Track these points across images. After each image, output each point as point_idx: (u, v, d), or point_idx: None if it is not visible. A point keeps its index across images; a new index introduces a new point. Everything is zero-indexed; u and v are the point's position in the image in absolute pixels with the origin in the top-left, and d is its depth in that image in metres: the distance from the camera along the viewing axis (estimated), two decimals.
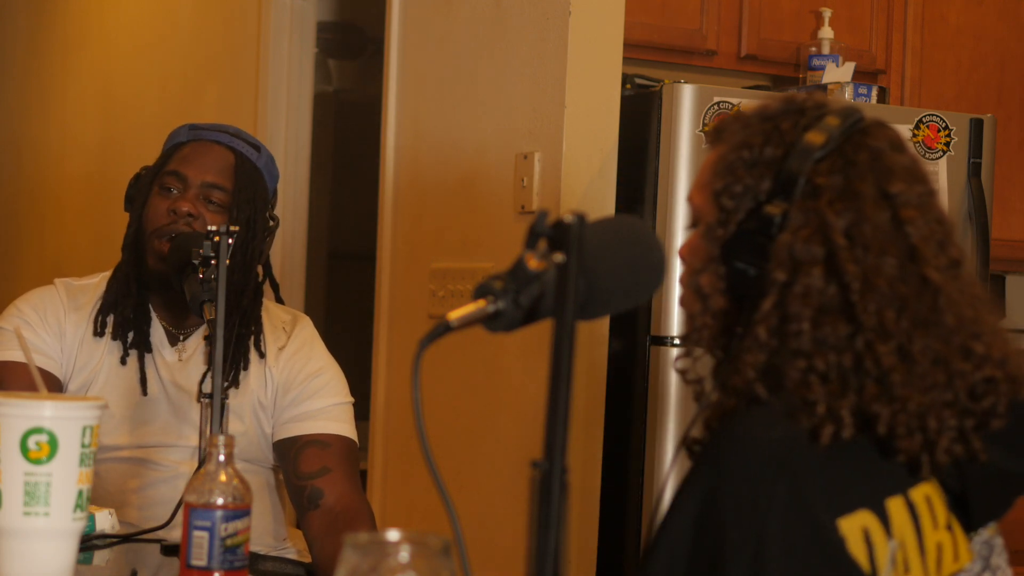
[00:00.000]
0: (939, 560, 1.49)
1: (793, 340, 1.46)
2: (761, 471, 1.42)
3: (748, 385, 1.48)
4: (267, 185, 2.49)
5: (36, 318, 2.44)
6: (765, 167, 1.53)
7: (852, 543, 1.42)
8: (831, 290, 1.47)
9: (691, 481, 1.47)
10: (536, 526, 1.10)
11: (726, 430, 1.48)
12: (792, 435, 1.44)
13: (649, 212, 3.36)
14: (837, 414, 1.44)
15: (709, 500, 1.43)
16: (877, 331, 1.45)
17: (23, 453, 1.52)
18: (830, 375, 1.45)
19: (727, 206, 1.54)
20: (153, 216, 2.42)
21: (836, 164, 1.52)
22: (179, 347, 2.46)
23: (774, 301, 1.48)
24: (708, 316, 1.56)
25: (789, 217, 1.50)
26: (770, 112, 1.58)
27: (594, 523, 3.36)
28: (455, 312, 1.32)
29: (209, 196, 2.42)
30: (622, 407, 3.40)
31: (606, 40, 3.39)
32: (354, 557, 1.12)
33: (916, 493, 1.48)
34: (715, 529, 1.42)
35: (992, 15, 4.09)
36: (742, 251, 1.52)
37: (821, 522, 1.41)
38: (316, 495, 2.33)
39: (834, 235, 1.48)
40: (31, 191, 6.58)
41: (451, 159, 3.71)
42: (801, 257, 1.48)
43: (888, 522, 1.45)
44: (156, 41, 5.42)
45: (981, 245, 3.59)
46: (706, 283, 1.55)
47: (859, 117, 1.56)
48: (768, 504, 1.40)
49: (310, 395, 2.42)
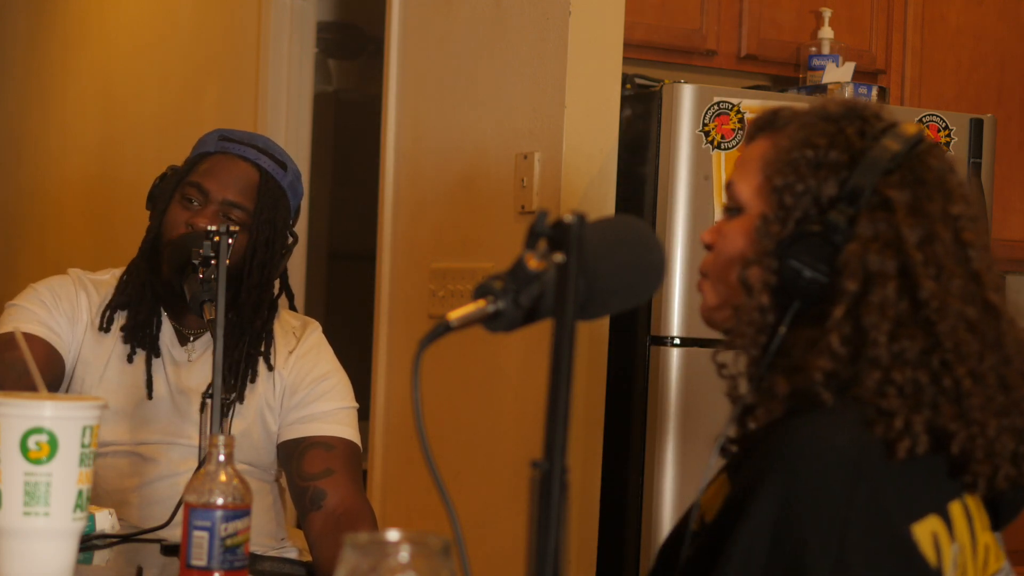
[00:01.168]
0: (986, 561, 1.51)
1: (871, 350, 1.46)
2: (838, 476, 1.41)
3: (812, 389, 1.47)
4: (289, 204, 2.48)
5: (51, 298, 2.45)
6: (830, 171, 1.52)
7: (924, 547, 1.43)
8: (903, 305, 1.47)
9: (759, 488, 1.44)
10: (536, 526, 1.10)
11: (794, 435, 1.45)
12: (865, 441, 1.43)
13: (649, 212, 3.36)
14: (913, 428, 1.43)
15: (785, 507, 1.41)
16: (954, 351, 1.46)
17: (23, 453, 1.52)
18: (906, 388, 1.45)
19: (787, 203, 1.53)
20: (171, 226, 2.42)
21: (906, 179, 1.52)
22: (188, 347, 2.47)
23: (845, 310, 1.47)
24: (754, 310, 1.53)
25: (857, 226, 1.49)
26: (831, 114, 1.57)
27: (594, 523, 3.36)
28: (455, 312, 1.32)
29: (229, 214, 2.42)
30: (622, 407, 3.40)
31: (606, 40, 3.39)
32: (354, 557, 1.12)
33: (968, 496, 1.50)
34: (794, 536, 1.40)
35: (992, 15, 4.09)
36: (801, 252, 1.50)
37: (898, 528, 1.42)
38: (319, 496, 2.34)
39: (909, 249, 1.48)
40: (31, 191, 6.58)
41: (451, 159, 3.71)
42: (875, 268, 1.47)
43: (951, 526, 1.46)
44: (156, 41, 5.42)
45: None
46: (756, 277, 1.53)
47: (922, 135, 1.56)
48: (848, 511, 1.40)
49: (316, 398, 2.43)
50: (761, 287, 1.53)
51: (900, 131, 1.55)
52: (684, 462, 3.29)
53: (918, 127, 1.57)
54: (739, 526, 1.42)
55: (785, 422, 1.48)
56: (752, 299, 1.54)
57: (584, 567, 3.34)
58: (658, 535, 3.26)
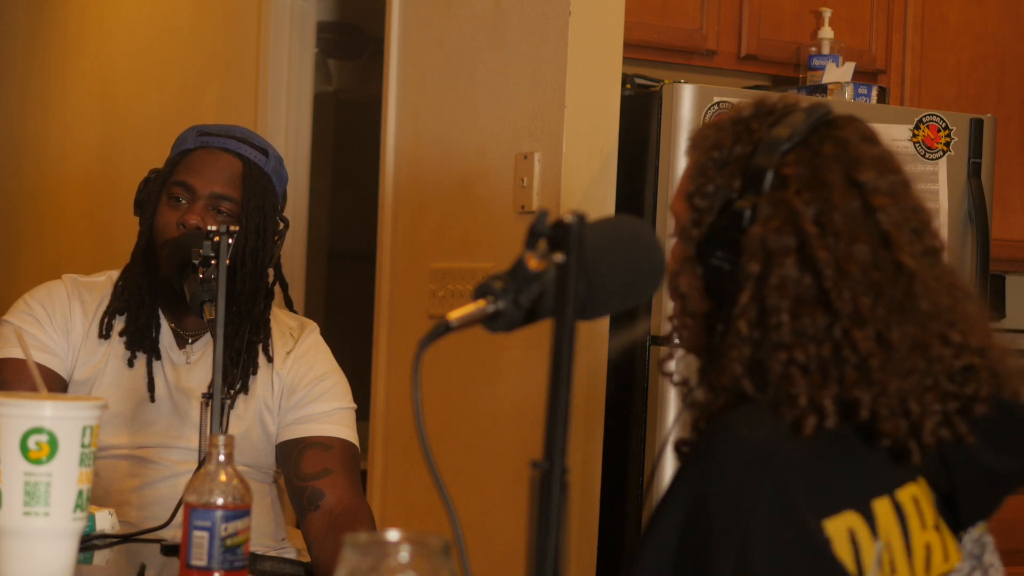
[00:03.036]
0: (928, 560, 1.49)
1: (774, 332, 1.46)
2: (747, 471, 1.42)
3: (735, 381, 1.48)
4: (276, 190, 2.48)
5: (44, 314, 2.44)
6: (734, 165, 1.55)
7: (838, 544, 1.42)
8: (806, 280, 1.47)
9: (678, 482, 1.46)
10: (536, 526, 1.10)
11: (711, 430, 1.47)
12: (777, 434, 1.44)
13: (649, 212, 3.36)
14: (819, 404, 1.44)
15: (695, 501, 1.43)
16: (853, 318, 1.46)
17: (23, 453, 1.52)
18: (811, 366, 1.45)
19: (699, 206, 1.55)
20: (163, 227, 2.42)
21: (802, 156, 1.53)
22: (187, 349, 2.47)
23: (751, 294, 1.48)
24: (687, 316, 1.57)
25: (759, 210, 1.50)
26: (742, 115, 1.59)
27: (594, 523, 3.36)
28: (455, 312, 1.32)
29: (218, 207, 2.42)
30: (622, 407, 3.40)
31: (606, 40, 3.39)
32: (354, 557, 1.12)
33: (903, 493, 1.48)
34: (701, 529, 1.41)
35: (992, 15, 4.09)
36: (715, 248, 1.52)
37: (806, 523, 1.41)
38: (316, 496, 2.34)
39: (804, 223, 1.48)
40: (31, 191, 6.58)
41: (451, 159, 3.71)
42: (773, 247, 1.48)
43: (874, 523, 1.45)
44: (156, 41, 5.42)
45: (981, 245, 3.59)
46: (684, 284, 1.56)
47: (827, 111, 1.57)
48: (753, 504, 1.40)
49: (314, 398, 2.43)
50: (690, 292, 1.55)
51: (802, 112, 1.56)
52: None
53: (823, 103, 1.58)
54: (654, 520, 1.44)
55: (710, 418, 1.50)
56: (685, 306, 1.56)
57: (584, 567, 3.34)
58: None
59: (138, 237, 2.47)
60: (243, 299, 2.41)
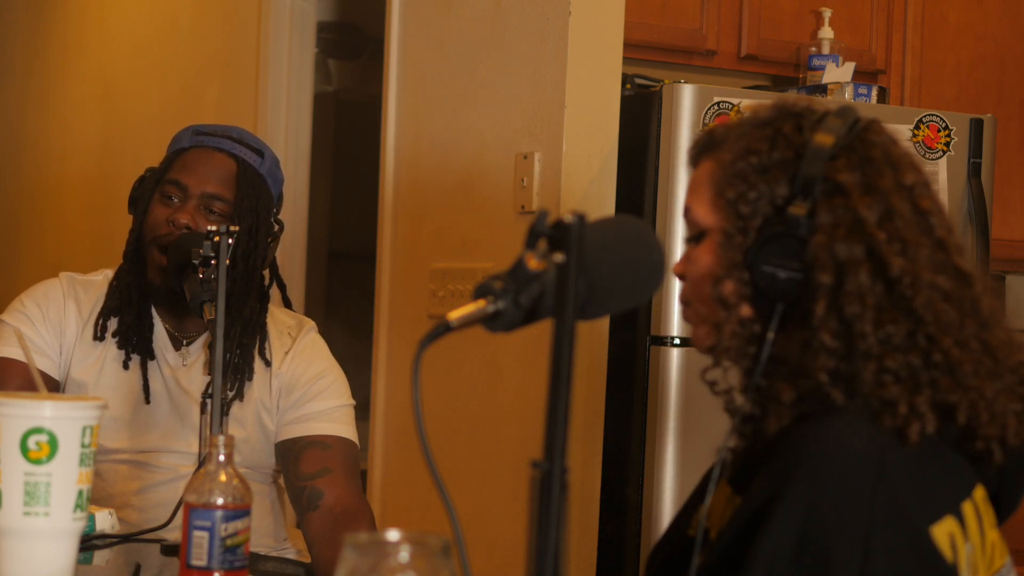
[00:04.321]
0: (992, 558, 1.51)
1: (860, 342, 1.45)
2: (859, 481, 1.41)
3: (820, 391, 1.46)
4: (271, 191, 2.47)
5: (39, 314, 2.44)
6: (777, 170, 1.52)
7: (944, 550, 1.43)
8: (878, 287, 1.47)
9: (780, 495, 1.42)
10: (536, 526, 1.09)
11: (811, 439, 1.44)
12: (880, 441, 1.43)
13: (649, 212, 3.36)
14: (919, 410, 1.43)
15: (809, 511, 1.40)
16: (936, 324, 1.46)
17: (23, 453, 1.52)
18: (902, 373, 1.45)
19: (744, 212, 1.52)
20: (153, 225, 2.42)
21: (852, 161, 1.51)
22: (183, 351, 2.46)
23: (826, 304, 1.47)
24: (735, 323, 1.53)
25: (817, 217, 1.49)
26: (765, 118, 1.57)
27: (594, 523, 3.36)
28: (455, 312, 1.32)
29: (210, 206, 2.41)
30: (622, 407, 3.40)
31: (606, 40, 3.39)
32: (354, 557, 1.12)
33: (978, 494, 1.50)
34: (818, 540, 1.39)
35: (992, 15, 4.09)
36: (770, 255, 1.50)
37: (920, 530, 1.41)
38: (316, 496, 2.33)
39: (871, 230, 1.47)
40: (31, 191, 6.58)
41: (451, 159, 3.71)
42: (843, 256, 1.47)
43: (965, 526, 1.46)
44: (156, 41, 5.42)
45: (981, 245, 3.59)
46: (730, 291, 1.53)
47: (857, 115, 1.56)
48: (871, 515, 1.40)
49: (312, 397, 2.42)
50: (737, 300, 1.53)
51: (836, 116, 1.55)
52: (684, 462, 3.29)
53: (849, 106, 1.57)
54: (762, 533, 1.41)
55: (798, 428, 1.47)
56: (731, 313, 1.54)
57: (584, 567, 3.34)
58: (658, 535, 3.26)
59: (129, 234, 2.47)
60: (233, 300, 2.40)
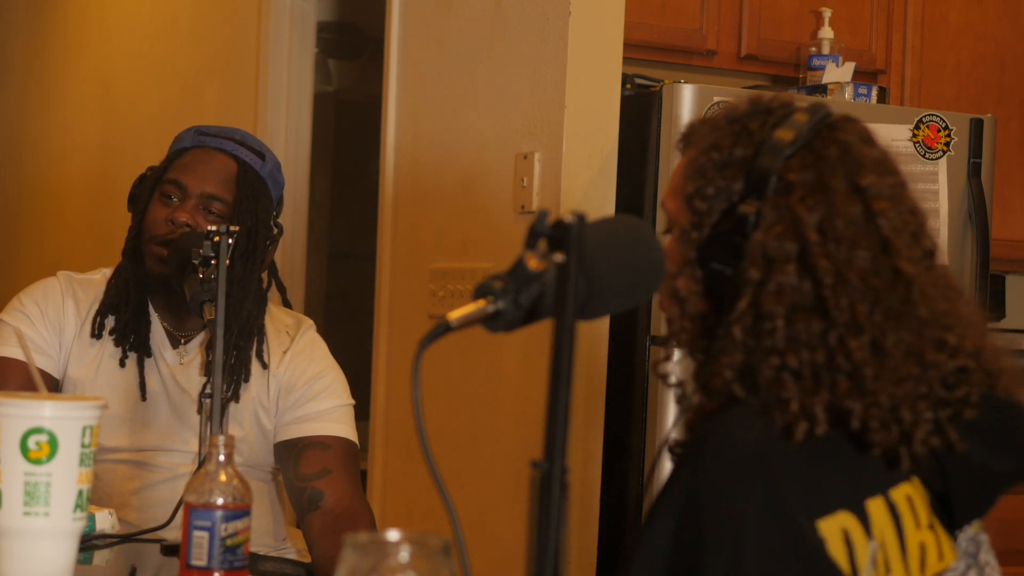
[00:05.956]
0: (923, 560, 1.49)
1: (767, 338, 1.46)
2: (739, 471, 1.42)
3: (726, 385, 1.48)
4: (271, 194, 2.47)
5: (37, 312, 2.44)
6: (736, 167, 1.53)
7: (832, 545, 1.42)
8: (805, 287, 1.47)
9: (671, 483, 1.46)
10: (536, 526, 1.10)
11: (704, 432, 1.47)
12: (769, 435, 1.44)
13: (649, 212, 3.36)
14: (810, 411, 1.43)
15: (688, 501, 1.43)
16: (849, 325, 1.45)
17: (23, 453, 1.52)
18: (803, 372, 1.45)
19: (700, 208, 1.54)
20: (152, 223, 2.42)
21: (807, 160, 1.52)
22: (180, 350, 2.46)
23: (749, 300, 1.48)
24: (686, 319, 1.56)
25: (762, 215, 1.50)
26: (738, 114, 1.58)
27: (594, 523, 3.36)
28: (455, 312, 1.32)
29: (209, 207, 2.41)
30: (622, 407, 3.40)
31: (606, 40, 3.39)
32: (354, 557, 1.12)
33: (897, 493, 1.48)
34: (694, 530, 1.41)
35: (992, 15, 4.09)
36: (718, 252, 1.52)
37: (799, 523, 1.41)
38: (316, 496, 2.33)
39: (806, 231, 1.48)
40: (31, 191, 6.58)
41: (451, 159, 3.71)
42: (774, 254, 1.48)
43: (868, 523, 1.45)
44: (156, 41, 5.42)
45: (981, 245, 3.59)
46: (683, 286, 1.55)
47: (827, 112, 1.56)
48: (745, 505, 1.40)
49: (312, 397, 2.42)
50: (689, 295, 1.55)
51: (803, 113, 1.54)
52: None
53: (822, 104, 1.56)
54: (646, 523, 1.44)
55: (703, 420, 1.50)
56: (683, 308, 1.55)
57: (584, 567, 3.34)
58: None
59: (128, 232, 2.47)
60: (231, 302, 2.39)
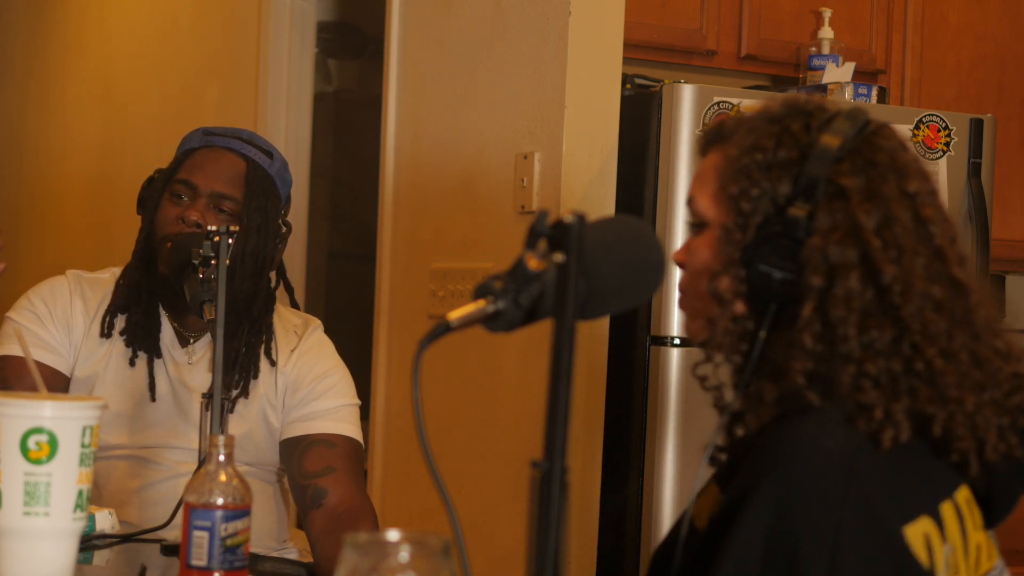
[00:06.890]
0: (978, 560, 1.51)
1: (841, 345, 1.45)
2: (830, 479, 1.41)
3: (797, 392, 1.46)
4: (279, 192, 2.49)
5: (46, 310, 2.45)
6: (781, 169, 1.52)
7: (917, 550, 1.42)
8: (868, 293, 1.46)
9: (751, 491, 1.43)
10: (536, 526, 1.10)
11: (784, 439, 1.45)
12: (854, 442, 1.43)
13: (649, 212, 3.36)
14: (894, 417, 1.43)
15: (779, 510, 1.40)
16: (922, 333, 1.46)
17: (23, 453, 1.52)
18: (881, 379, 1.45)
19: (745, 209, 1.52)
20: (163, 223, 2.43)
21: (857, 165, 1.51)
22: (189, 349, 2.46)
23: (814, 306, 1.47)
24: (728, 320, 1.53)
25: (816, 219, 1.49)
26: (775, 114, 1.57)
27: (594, 523, 3.36)
28: (455, 312, 1.32)
29: (219, 205, 2.42)
30: (622, 407, 3.40)
31: (606, 40, 3.39)
32: (354, 557, 1.12)
33: (960, 496, 1.49)
34: (788, 540, 1.39)
35: (992, 15, 4.09)
36: (767, 254, 1.50)
37: (891, 530, 1.41)
38: (320, 494, 2.34)
39: (867, 236, 1.47)
40: (31, 191, 6.58)
41: (451, 159, 3.71)
42: (836, 260, 1.47)
43: (943, 527, 1.45)
44: (156, 41, 5.42)
45: (981, 245, 3.59)
46: (726, 287, 1.53)
47: (868, 118, 1.56)
48: (840, 514, 1.39)
49: (318, 395, 2.43)
50: (732, 296, 1.53)
51: (845, 118, 1.54)
52: (684, 462, 3.29)
53: (860, 109, 1.56)
54: (733, 532, 1.42)
55: (775, 427, 1.47)
56: (725, 309, 1.54)
57: (584, 567, 3.34)
58: (658, 536, 3.26)
59: (139, 233, 2.48)
60: (241, 299, 2.41)
